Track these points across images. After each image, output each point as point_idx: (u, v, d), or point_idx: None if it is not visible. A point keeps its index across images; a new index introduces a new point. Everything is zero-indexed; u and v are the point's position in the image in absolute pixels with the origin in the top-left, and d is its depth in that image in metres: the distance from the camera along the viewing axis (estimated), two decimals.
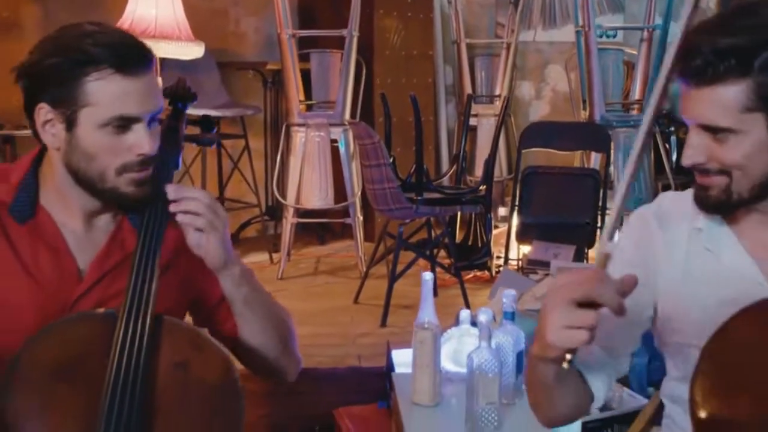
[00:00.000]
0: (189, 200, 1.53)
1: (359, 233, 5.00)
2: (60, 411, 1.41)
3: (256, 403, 3.25)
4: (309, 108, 5.23)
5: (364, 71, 5.48)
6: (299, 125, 5.04)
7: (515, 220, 4.70)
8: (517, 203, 4.65)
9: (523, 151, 4.79)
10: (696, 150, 1.39)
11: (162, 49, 4.39)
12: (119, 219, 1.59)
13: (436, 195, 4.31)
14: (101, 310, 1.49)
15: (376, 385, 3.36)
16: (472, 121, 5.96)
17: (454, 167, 5.07)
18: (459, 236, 5.21)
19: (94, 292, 1.54)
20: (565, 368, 1.26)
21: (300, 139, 5.00)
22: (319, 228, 5.75)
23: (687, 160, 1.40)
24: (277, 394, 3.34)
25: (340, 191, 5.13)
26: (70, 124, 1.47)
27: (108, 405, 1.38)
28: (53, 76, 1.47)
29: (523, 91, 7.09)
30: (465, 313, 2.88)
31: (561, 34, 6.69)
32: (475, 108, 6.08)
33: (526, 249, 4.62)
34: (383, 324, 3.97)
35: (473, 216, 5.10)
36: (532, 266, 4.39)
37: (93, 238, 1.57)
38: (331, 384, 3.42)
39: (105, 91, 1.46)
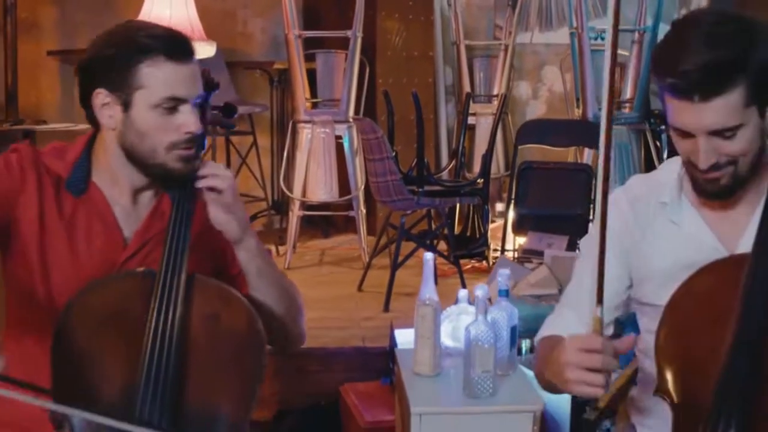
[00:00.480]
0: (216, 177, 1.73)
1: (362, 225, 5.21)
2: (106, 354, 1.61)
3: (266, 381, 3.47)
4: (314, 106, 5.42)
5: (367, 71, 5.66)
6: (305, 122, 5.23)
7: (511, 213, 4.90)
8: (513, 196, 4.85)
9: (520, 147, 4.99)
10: (711, 153, 1.55)
11: None
12: (160, 196, 1.79)
13: (437, 187, 4.52)
14: (141, 268, 1.69)
15: (380, 363, 3.56)
16: (471, 120, 6.13)
17: (453, 162, 5.27)
18: (457, 229, 5.41)
19: (137, 258, 1.74)
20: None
21: (306, 136, 5.20)
22: (323, 222, 5.94)
23: (705, 164, 1.55)
24: (286, 372, 3.54)
25: (344, 186, 5.33)
26: (126, 105, 1.68)
27: (149, 351, 1.57)
28: (111, 66, 1.67)
29: (521, 92, 7.22)
30: (463, 293, 3.09)
31: (557, 36, 6.86)
32: (474, 107, 6.26)
33: (521, 240, 4.82)
34: (386, 309, 4.17)
35: (471, 210, 5.30)
36: (527, 255, 4.59)
37: (137, 212, 1.77)
38: (337, 363, 3.62)
39: (157, 76, 1.66)
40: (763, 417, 1.37)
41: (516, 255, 4.77)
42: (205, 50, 4.81)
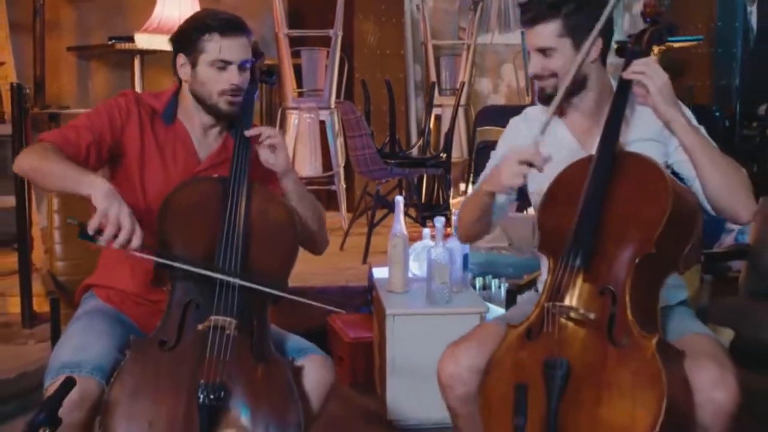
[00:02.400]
0: (272, 138, 2.42)
1: (342, 197, 5.97)
2: (194, 231, 2.30)
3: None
4: (300, 95, 6.18)
5: (346, 66, 6.42)
6: (293, 108, 6.01)
7: (471, 187, 5.66)
8: (472, 170, 5.63)
9: (479, 129, 5.77)
10: (537, 65, 2.34)
11: None
12: (224, 135, 2.51)
13: (407, 160, 5.29)
14: (216, 175, 2.40)
15: (359, 299, 4.33)
16: (437, 111, 6.93)
17: (421, 140, 6.04)
18: (424, 200, 6.18)
19: (207, 173, 2.45)
20: (511, 194, 2.25)
21: (294, 120, 5.97)
22: None
23: (531, 71, 2.36)
24: (281, 307, 4.26)
25: (326, 164, 6.10)
26: (194, 64, 2.41)
27: (226, 227, 2.28)
28: (187, 38, 2.40)
29: (482, 87, 7.96)
30: (426, 231, 3.86)
31: (515, 37, 7.56)
32: (440, 99, 7.04)
33: None
34: (364, 261, 4.91)
35: (435, 184, 6.07)
36: None
37: (208, 143, 2.49)
38: (324, 299, 4.33)
39: (213, 45, 2.38)
40: (597, 253, 2.12)
41: None
42: None
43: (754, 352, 3.35)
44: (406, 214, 5.32)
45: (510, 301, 2.84)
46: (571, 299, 2.12)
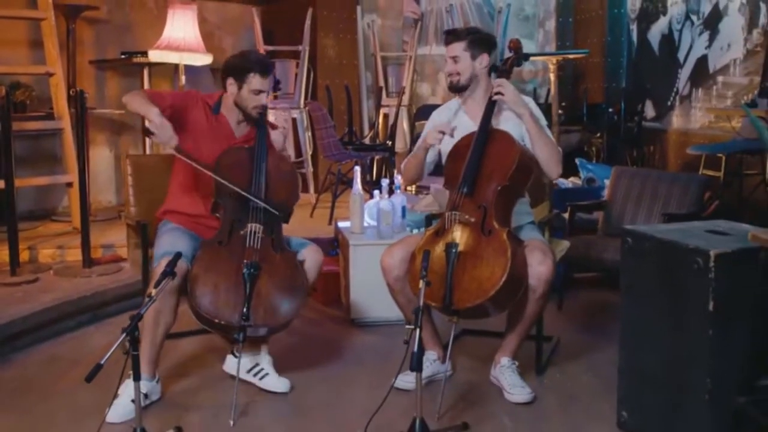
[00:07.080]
0: (278, 134, 3.90)
1: (310, 178, 7.40)
2: (235, 175, 3.66)
3: None
4: (276, 98, 7.48)
5: (311, 74, 7.74)
6: (271, 108, 7.33)
7: None
8: None
9: (416, 123, 7.23)
10: (451, 67, 3.80)
11: (187, 58, 6.71)
12: (251, 126, 3.88)
13: (361, 146, 6.73)
14: (247, 146, 3.80)
15: (329, 247, 5.69)
16: (385, 110, 8.24)
17: (371, 131, 7.49)
18: (374, 178, 7.60)
19: (240, 145, 3.85)
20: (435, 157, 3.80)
21: (271, 118, 7.34)
22: None
23: (447, 71, 3.82)
24: None
25: (297, 151, 7.45)
26: (240, 88, 3.78)
27: (255, 174, 3.66)
28: (236, 70, 3.77)
29: (423, 90, 9.19)
30: (376, 192, 5.34)
31: None
32: (387, 101, 8.31)
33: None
34: (330, 223, 6.31)
35: (383, 165, 7.52)
36: (420, 189, 6.82)
37: (240, 128, 3.87)
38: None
39: (254, 80, 3.76)
40: (476, 185, 3.56)
41: (413, 190, 7.06)
42: (205, 59, 6.90)
43: (599, 267, 4.97)
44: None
45: (427, 223, 4.31)
46: (461, 210, 3.59)
